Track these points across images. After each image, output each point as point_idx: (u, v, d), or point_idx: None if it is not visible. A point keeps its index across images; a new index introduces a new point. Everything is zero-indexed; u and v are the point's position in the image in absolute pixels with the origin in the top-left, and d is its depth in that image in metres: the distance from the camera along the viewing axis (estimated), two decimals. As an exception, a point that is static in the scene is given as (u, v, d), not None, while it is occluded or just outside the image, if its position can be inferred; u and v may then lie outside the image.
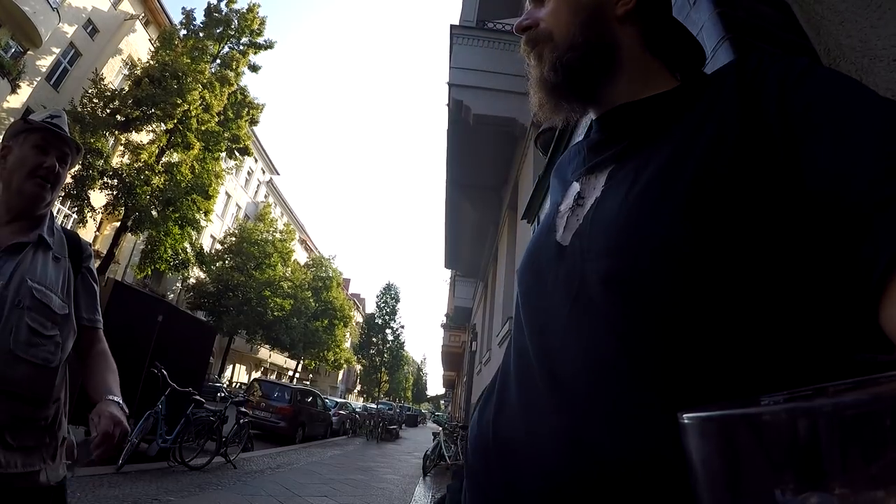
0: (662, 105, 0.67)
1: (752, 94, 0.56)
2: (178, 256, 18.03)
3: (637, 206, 0.57)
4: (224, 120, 18.60)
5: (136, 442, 6.36)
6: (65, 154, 1.49)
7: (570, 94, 0.73)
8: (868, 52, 1.30)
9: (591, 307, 0.57)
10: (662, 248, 0.53)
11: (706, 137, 0.57)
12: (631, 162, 0.64)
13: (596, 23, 0.71)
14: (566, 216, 0.68)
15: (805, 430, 0.20)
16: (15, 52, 16.98)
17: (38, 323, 1.30)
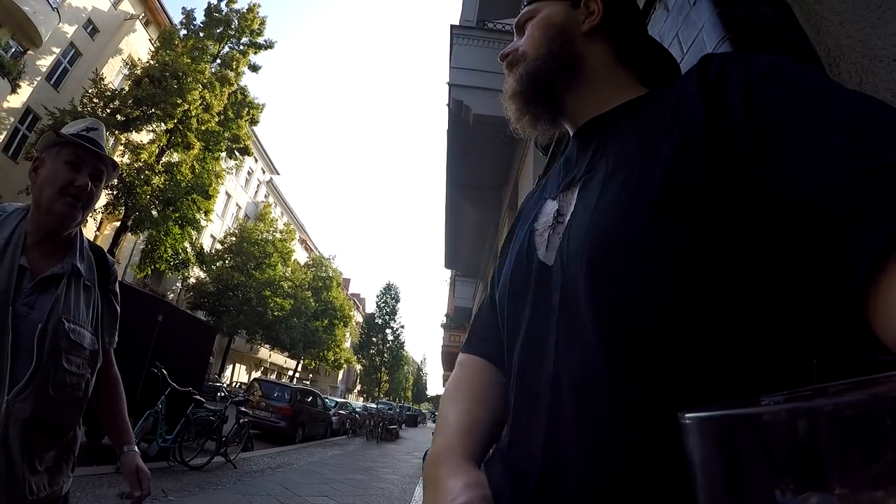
0: (628, 113, 0.69)
1: (716, 98, 0.57)
2: (178, 256, 18.04)
3: (608, 216, 0.58)
4: (224, 120, 18.61)
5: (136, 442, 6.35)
6: (99, 171, 1.41)
7: (533, 99, 0.77)
8: (868, 53, 1.30)
9: (578, 323, 0.57)
10: (638, 255, 0.54)
11: (673, 144, 0.57)
12: (599, 172, 0.65)
13: (561, 37, 0.77)
14: (546, 234, 0.68)
15: (805, 431, 0.20)
16: (15, 52, 16.97)
17: (73, 364, 1.29)
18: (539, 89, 0.76)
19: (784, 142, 0.48)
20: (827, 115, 0.46)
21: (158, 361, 7.09)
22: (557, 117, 0.79)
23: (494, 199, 10.48)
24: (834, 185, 0.41)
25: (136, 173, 15.86)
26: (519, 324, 0.67)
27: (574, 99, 0.76)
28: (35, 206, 1.35)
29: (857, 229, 0.39)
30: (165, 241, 17.06)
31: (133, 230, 16.70)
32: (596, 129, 0.73)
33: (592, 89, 0.75)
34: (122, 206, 15.92)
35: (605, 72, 0.76)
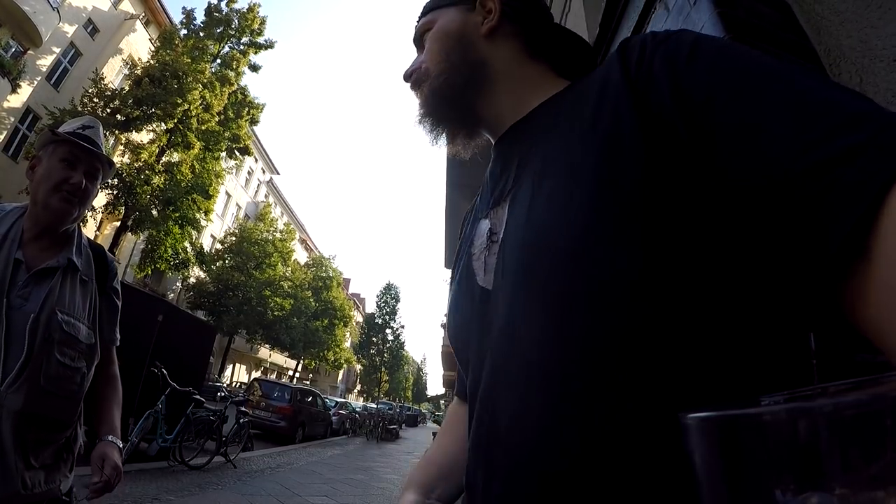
0: (548, 112, 0.64)
1: (641, 87, 0.51)
2: (179, 256, 18.05)
3: (539, 231, 0.54)
4: (224, 119, 18.62)
5: (136, 441, 6.36)
6: (94, 169, 1.42)
7: (445, 118, 0.73)
8: (868, 53, 1.30)
9: (521, 347, 0.53)
10: (577, 270, 0.49)
11: (599, 142, 0.52)
12: (526, 182, 0.59)
13: (460, 46, 0.71)
14: (483, 257, 0.63)
15: (805, 431, 0.20)
16: (15, 52, 16.97)
17: (66, 356, 1.29)
18: (448, 107, 0.72)
19: (722, 129, 0.44)
20: (763, 98, 0.42)
21: (158, 361, 7.09)
22: (475, 130, 0.75)
23: (494, 199, 10.46)
24: (783, 175, 0.38)
25: (137, 173, 15.87)
26: (468, 356, 0.63)
27: (489, 107, 0.71)
28: (32, 203, 1.37)
29: (821, 220, 0.36)
30: (165, 241, 17.07)
31: (133, 230, 16.70)
32: (517, 136, 0.68)
33: (507, 93, 0.70)
34: (122, 206, 15.92)
35: (516, 71, 0.71)
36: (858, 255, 0.33)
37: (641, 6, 2.08)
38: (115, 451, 1.39)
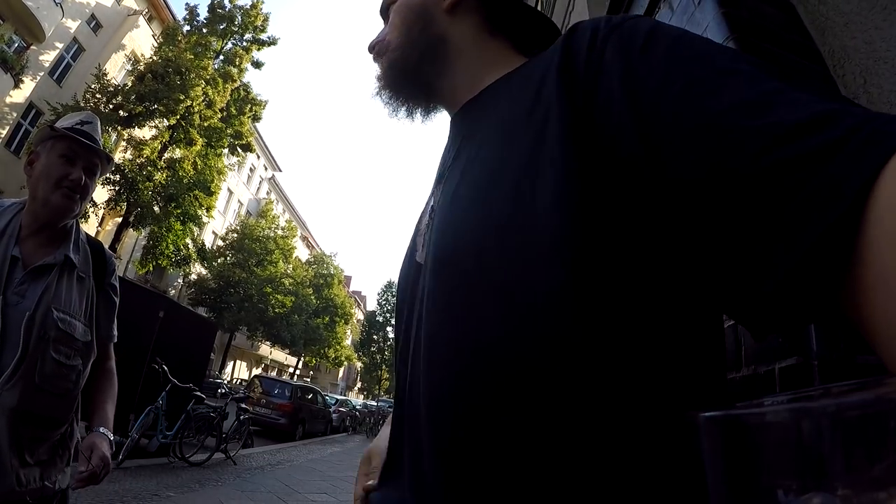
0: (498, 91, 0.62)
1: (590, 75, 0.47)
2: (180, 252, 18.07)
3: (458, 215, 0.53)
4: (227, 116, 18.63)
5: (137, 437, 6.38)
6: (93, 165, 1.42)
7: (400, 91, 0.71)
8: (873, 54, 1.30)
9: (433, 329, 0.52)
10: (485, 260, 0.48)
11: (533, 131, 0.49)
12: (460, 162, 0.59)
13: (421, 20, 0.70)
14: (424, 233, 0.62)
15: (808, 431, 0.20)
16: (18, 47, 16.98)
17: (62, 354, 1.29)
18: (404, 81, 0.70)
19: (676, 121, 0.39)
20: (723, 94, 0.38)
21: (159, 357, 7.10)
22: (432, 105, 0.73)
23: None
24: (748, 170, 0.34)
25: (139, 169, 15.89)
26: (399, 332, 0.63)
27: (446, 83, 0.69)
28: (31, 199, 1.36)
29: (783, 230, 0.31)
30: (167, 238, 17.09)
31: (135, 226, 16.73)
32: (466, 115, 0.66)
33: (463, 70, 0.68)
34: (124, 202, 15.95)
35: (475, 48, 0.69)
36: (838, 260, 0.30)
37: (645, 6, 2.08)
38: (105, 443, 1.37)
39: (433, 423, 0.49)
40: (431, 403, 0.50)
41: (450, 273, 0.51)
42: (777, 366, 1.05)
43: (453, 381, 0.48)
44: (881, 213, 0.27)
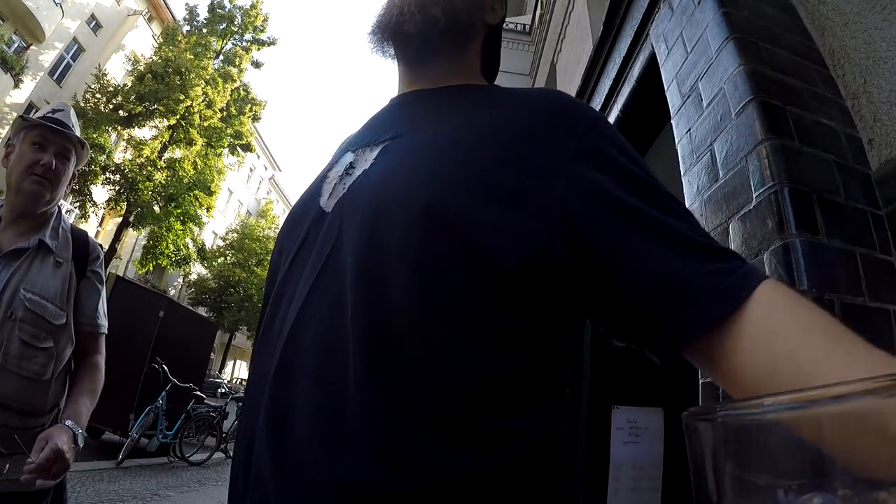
0: (457, 98, 0.69)
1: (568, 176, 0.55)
2: (180, 252, 18.04)
3: (399, 181, 0.57)
4: (227, 116, 18.59)
5: (137, 437, 6.38)
6: (65, 150, 1.43)
7: (412, 40, 0.72)
8: (872, 54, 1.30)
9: (336, 278, 0.55)
10: (422, 217, 0.52)
11: (509, 145, 0.57)
12: (407, 139, 0.64)
13: (478, 11, 0.75)
14: (333, 183, 0.66)
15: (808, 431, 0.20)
16: (18, 47, 16.96)
17: (30, 335, 1.27)
18: (419, 35, 0.71)
19: (623, 252, 0.51)
20: (663, 235, 0.51)
21: (159, 357, 7.10)
22: (401, 60, 0.77)
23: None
24: (669, 290, 0.49)
25: (139, 169, 15.87)
26: (285, 270, 0.64)
27: (434, 66, 0.74)
28: (7, 189, 1.38)
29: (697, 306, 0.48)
30: (167, 237, 17.07)
31: (135, 226, 16.70)
32: (423, 100, 0.72)
33: (450, 66, 0.74)
34: (124, 202, 15.92)
35: (471, 59, 0.77)
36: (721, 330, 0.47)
37: (646, 5, 2.08)
38: (64, 435, 1.23)
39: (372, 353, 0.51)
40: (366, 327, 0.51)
41: (379, 234, 0.54)
42: (777, 366, 1.05)
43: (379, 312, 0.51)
44: (752, 309, 0.46)
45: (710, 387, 1.28)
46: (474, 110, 0.65)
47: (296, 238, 0.64)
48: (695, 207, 1.47)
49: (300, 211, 0.69)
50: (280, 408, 0.52)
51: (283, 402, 0.52)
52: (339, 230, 0.58)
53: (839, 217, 1.15)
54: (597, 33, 2.74)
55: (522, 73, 7.78)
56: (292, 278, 0.60)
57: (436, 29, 0.70)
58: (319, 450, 0.48)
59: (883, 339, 1.05)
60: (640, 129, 2.56)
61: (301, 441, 0.49)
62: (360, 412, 0.48)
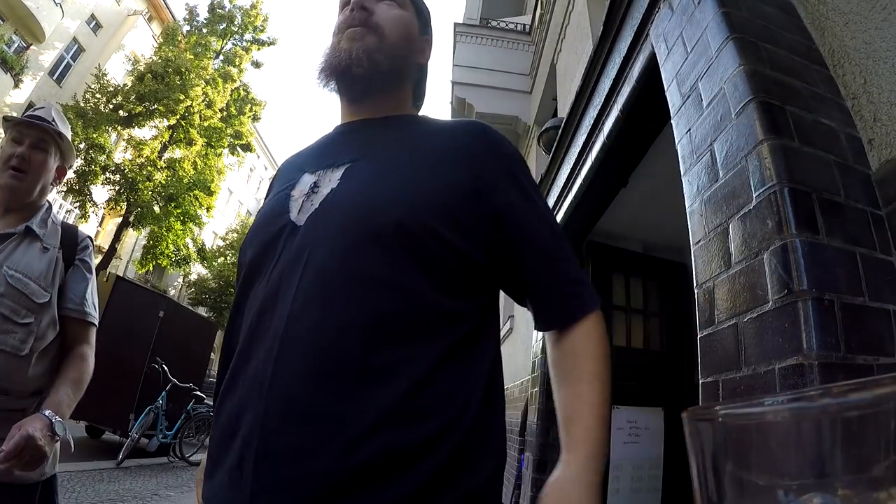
0: (401, 126, 0.86)
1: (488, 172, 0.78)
2: (180, 252, 18.02)
3: (374, 196, 0.71)
4: (227, 116, 18.58)
5: (137, 437, 6.38)
6: (41, 141, 1.48)
7: (358, 81, 0.85)
8: (873, 54, 1.30)
9: (318, 277, 0.67)
10: (398, 227, 0.67)
11: (451, 169, 0.75)
12: (365, 162, 0.78)
13: (410, 54, 0.91)
14: (301, 200, 0.76)
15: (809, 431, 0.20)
16: (18, 47, 16.95)
17: (9, 310, 1.29)
18: (371, 80, 0.84)
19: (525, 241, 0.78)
20: (552, 248, 0.79)
21: (159, 357, 7.10)
22: (346, 96, 0.89)
23: (496, 198, 10.48)
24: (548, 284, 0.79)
25: (139, 169, 15.85)
26: (260, 276, 0.75)
27: (374, 100, 0.88)
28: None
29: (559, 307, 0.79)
30: (167, 237, 17.05)
31: (135, 226, 16.68)
32: (369, 128, 0.86)
33: (388, 100, 0.89)
34: (124, 202, 15.90)
35: (405, 94, 0.93)
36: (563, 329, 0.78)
37: (646, 5, 2.08)
38: (38, 423, 1.18)
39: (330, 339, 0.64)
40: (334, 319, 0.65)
41: (361, 235, 0.68)
42: (777, 366, 1.05)
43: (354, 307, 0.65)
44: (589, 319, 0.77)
45: (710, 387, 1.28)
46: (419, 139, 0.83)
47: (272, 251, 0.74)
48: (695, 207, 1.48)
49: (267, 226, 0.78)
50: (286, 387, 0.62)
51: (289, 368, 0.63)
52: (315, 239, 0.70)
53: (839, 217, 1.15)
54: (597, 33, 2.74)
55: (522, 73, 7.78)
56: (276, 283, 0.70)
57: (379, 72, 0.84)
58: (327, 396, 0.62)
59: (883, 339, 1.05)
60: (640, 129, 2.56)
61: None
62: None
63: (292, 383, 0.62)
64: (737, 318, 1.21)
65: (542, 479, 3.51)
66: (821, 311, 1.01)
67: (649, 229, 3.96)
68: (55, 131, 1.50)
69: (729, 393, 1.19)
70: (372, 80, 0.84)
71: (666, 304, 4.03)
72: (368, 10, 0.86)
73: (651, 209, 3.56)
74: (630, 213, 3.62)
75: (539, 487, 3.51)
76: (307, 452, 0.58)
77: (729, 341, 1.23)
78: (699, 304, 1.39)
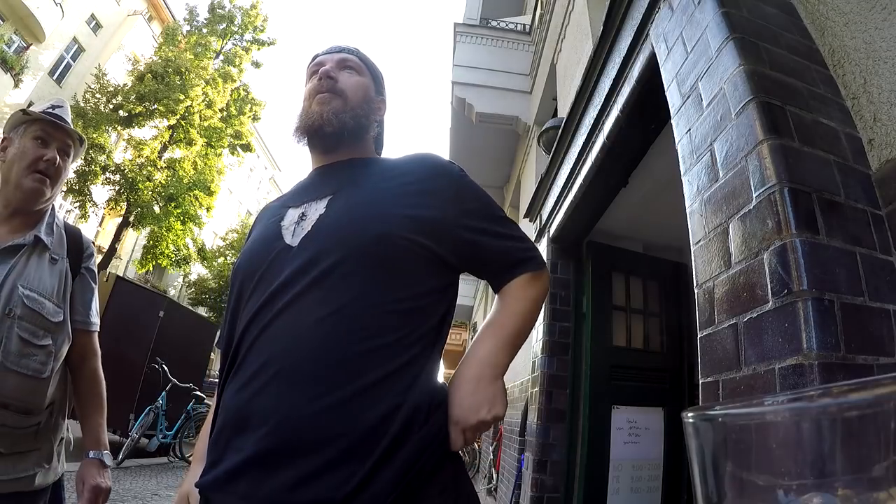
0: (366, 166, 1.04)
1: (450, 201, 0.96)
2: (180, 252, 18.02)
3: (358, 217, 0.89)
4: (226, 116, 18.57)
5: (137, 437, 6.37)
6: (66, 146, 1.42)
7: (329, 138, 1.02)
8: (872, 54, 1.30)
9: (320, 284, 0.83)
10: (384, 235, 0.86)
11: (416, 197, 0.93)
12: (345, 193, 0.95)
13: (370, 114, 1.09)
14: (292, 228, 0.93)
15: (808, 431, 0.20)
16: (18, 47, 16.95)
17: (29, 332, 1.26)
18: (340, 135, 1.01)
19: (484, 238, 0.98)
20: (503, 235, 1.01)
21: (159, 357, 7.10)
22: (319, 149, 1.06)
23: (497, 197, 10.48)
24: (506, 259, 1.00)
25: (139, 169, 15.85)
26: (257, 290, 0.88)
27: (342, 150, 1.04)
28: (4, 184, 1.36)
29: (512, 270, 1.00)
30: (167, 237, 17.05)
31: (135, 226, 16.68)
32: (342, 168, 1.03)
33: (354, 150, 1.06)
34: (124, 202, 15.90)
35: (368, 144, 1.11)
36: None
37: (646, 5, 2.08)
38: (96, 469, 1.37)
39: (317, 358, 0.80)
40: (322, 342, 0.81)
41: (352, 249, 0.85)
42: (777, 366, 1.05)
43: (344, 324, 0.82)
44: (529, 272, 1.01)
45: (710, 387, 1.28)
46: (384, 173, 1.00)
47: (272, 269, 0.88)
48: (695, 207, 1.47)
49: (263, 249, 0.93)
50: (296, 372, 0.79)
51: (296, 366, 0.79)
52: (315, 252, 0.86)
53: (839, 217, 1.15)
54: (597, 33, 2.74)
55: (522, 73, 7.77)
56: (279, 294, 0.84)
57: (346, 129, 1.02)
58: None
59: (883, 339, 1.05)
60: (640, 129, 2.56)
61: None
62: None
63: (310, 368, 0.78)
64: (737, 318, 1.21)
65: (542, 479, 3.51)
66: (821, 311, 1.01)
67: (649, 229, 3.97)
68: (78, 136, 1.45)
69: (729, 393, 1.19)
70: (340, 136, 1.02)
71: (666, 304, 4.03)
72: (334, 79, 1.05)
73: (651, 209, 3.56)
74: (630, 213, 3.62)
75: (539, 487, 3.52)
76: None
77: (729, 341, 1.23)
78: (699, 304, 1.39)
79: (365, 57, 1.15)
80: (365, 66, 1.13)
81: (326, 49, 1.16)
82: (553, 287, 3.91)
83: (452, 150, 9.29)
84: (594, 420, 3.53)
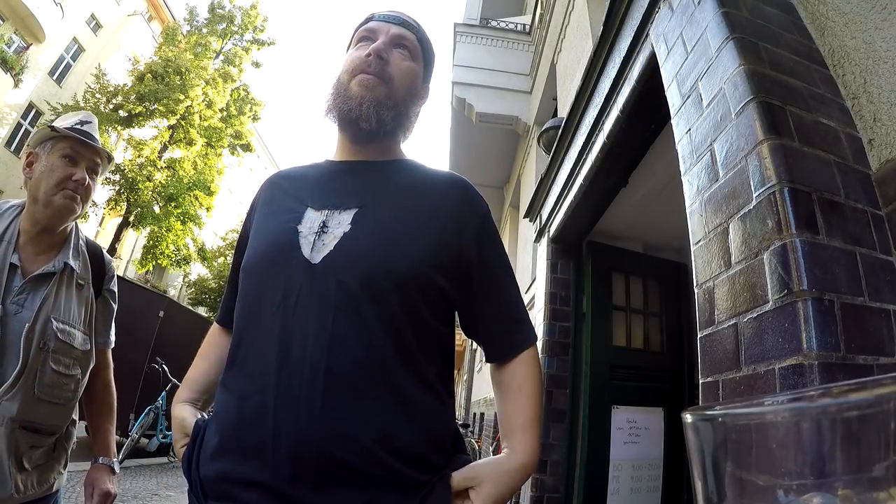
0: (396, 172, 0.96)
1: (473, 234, 0.93)
2: (180, 252, 18.02)
3: (386, 246, 0.83)
4: (226, 116, 18.58)
5: (137, 437, 6.37)
6: (95, 164, 1.40)
7: (363, 132, 0.91)
8: (872, 54, 1.30)
9: (358, 313, 0.78)
10: (411, 277, 0.81)
11: (443, 225, 0.88)
12: (372, 211, 0.87)
13: (414, 105, 0.98)
14: (312, 238, 0.84)
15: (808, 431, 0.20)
16: (18, 47, 16.95)
17: (61, 364, 1.28)
18: (379, 128, 0.90)
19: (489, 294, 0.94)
20: (508, 293, 0.96)
21: (159, 357, 7.09)
22: (349, 137, 0.96)
23: (497, 197, 10.47)
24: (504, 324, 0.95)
25: (139, 169, 15.87)
26: (272, 300, 0.82)
27: (373, 146, 0.95)
28: (31, 201, 1.32)
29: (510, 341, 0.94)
30: (167, 237, 17.05)
31: (135, 225, 16.69)
32: (370, 172, 0.94)
33: (386, 147, 0.97)
34: (124, 202, 15.92)
35: (400, 139, 1.00)
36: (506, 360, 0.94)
37: (646, 5, 2.08)
38: (106, 475, 1.41)
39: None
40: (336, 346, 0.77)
41: (388, 282, 0.81)
42: (777, 366, 1.05)
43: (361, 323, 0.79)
44: (530, 351, 0.94)
45: (710, 387, 1.28)
46: (413, 189, 0.92)
47: (290, 285, 0.81)
48: (695, 207, 1.47)
49: (279, 256, 0.85)
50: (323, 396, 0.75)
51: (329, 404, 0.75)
52: (338, 282, 0.79)
53: (839, 217, 1.15)
54: (597, 33, 2.74)
55: (522, 73, 7.78)
56: (303, 316, 0.79)
57: (383, 129, 0.91)
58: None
59: (883, 339, 1.05)
60: (640, 129, 2.56)
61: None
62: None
63: (338, 405, 0.75)
64: (737, 318, 1.21)
65: (542, 479, 3.51)
66: (821, 311, 1.01)
67: (649, 229, 3.96)
68: (107, 154, 1.43)
69: (729, 393, 1.19)
70: (376, 134, 0.91)
71: (666, 304, 4.02)
72: (384, 60, 0.91)
73: (651, 209, 3.56)
74: (630, 213, 3.62)
75: (539, 487, 3.52)
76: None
77: (729, 341, 1.23)
78: (699, 304, 1.39)
79: (424, 37, 1.01)
80: (420, 50, 0.99)
81: (384, 14, 1.00)
82: (553, 287, 3.92)
83: (452, 150, 9.28)
84: (594, 420, 3.52)
